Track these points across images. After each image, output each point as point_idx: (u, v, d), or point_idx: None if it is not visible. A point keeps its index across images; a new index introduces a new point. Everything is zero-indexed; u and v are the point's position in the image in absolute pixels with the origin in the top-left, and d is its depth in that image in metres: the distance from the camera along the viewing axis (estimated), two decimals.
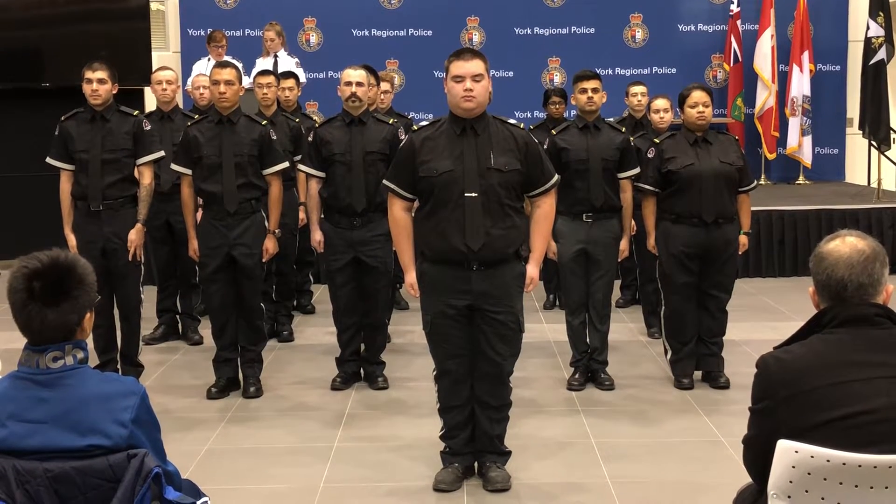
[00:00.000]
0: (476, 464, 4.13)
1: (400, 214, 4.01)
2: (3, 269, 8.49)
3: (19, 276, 2.18)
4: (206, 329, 5.92)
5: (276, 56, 8.81)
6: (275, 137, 5.37)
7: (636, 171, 5.39)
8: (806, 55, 10.46)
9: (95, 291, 2.27)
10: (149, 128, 5.39)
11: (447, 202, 3.85)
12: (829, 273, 2.31)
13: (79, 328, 2.22)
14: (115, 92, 5.29)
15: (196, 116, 5.87)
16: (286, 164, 5.44)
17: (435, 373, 4.09)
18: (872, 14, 9.64)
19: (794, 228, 8.53)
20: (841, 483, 2.19)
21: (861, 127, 9.73)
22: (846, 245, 2.33)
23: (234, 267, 5.24)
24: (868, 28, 9.67)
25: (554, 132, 5.49)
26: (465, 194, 3.83)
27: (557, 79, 10.67)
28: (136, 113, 5.40)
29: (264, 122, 5.43)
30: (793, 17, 10.56)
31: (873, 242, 2.35)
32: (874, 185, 9.41)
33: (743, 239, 5.37)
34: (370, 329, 5.48)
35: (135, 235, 5.24)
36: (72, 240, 5.22)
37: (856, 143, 10.69)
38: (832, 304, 2.33)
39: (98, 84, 5.17)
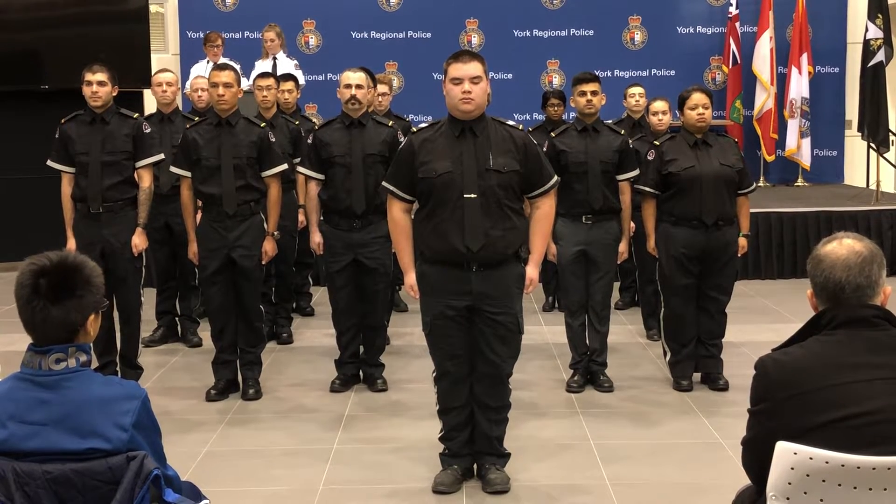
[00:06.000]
0: (475, 465, 4.13)
1: (399, 216, 4.02)
2: (2, 271, 8.51)
3: (27, 273, 2.20)
4: (205, 331, 5.92)
5: (274, 58, 8.81)
6: (273, 140, 5.37)
7: (635, 172, 5.40)
8: (805, 57, 10.47)
9: (102, 295, 2.27)
10: (148, 130, 5.40)
11: (446, 203, 3.85)
12: (827, 275, 2.32)
13: (81, 329, 2.22)
14: (114, 94, 5.30)
15: (195, 119, 5.87)
16: (285, 167, 5.44)
17: (434, 374, 4.10)
18: (871, 16, 9.64)
19: (793, 230, 8.54)
20: (840, 485, 2.19)
21: (860, 129, 9.73)
22: (843, 247, 2.33)
23: (234, 269, 5.25)
24: (867, 30, 9.67)
25: (553, 134, 5.49)
26: (465, 195, 3.83)
27: (556, 81, 10.68)
28: (135, 115, 5.41)
29: (263, 125, 5.43)
30: (791, 19, 10.58)
31: (870, 244, 2.35)
32: (873, 186, 9.41)
33: (742, 241, 5.37)
34: (369, 331, 5.48)
35: (138, 239, 5.25)
36: (71, 243, 5.22)
37: (854, 145, 10.69)
38: (830, 305, 2.34)
39: (98, 86, 5.18)
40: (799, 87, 10.49)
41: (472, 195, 3.83)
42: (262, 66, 8.60)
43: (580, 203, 5.31)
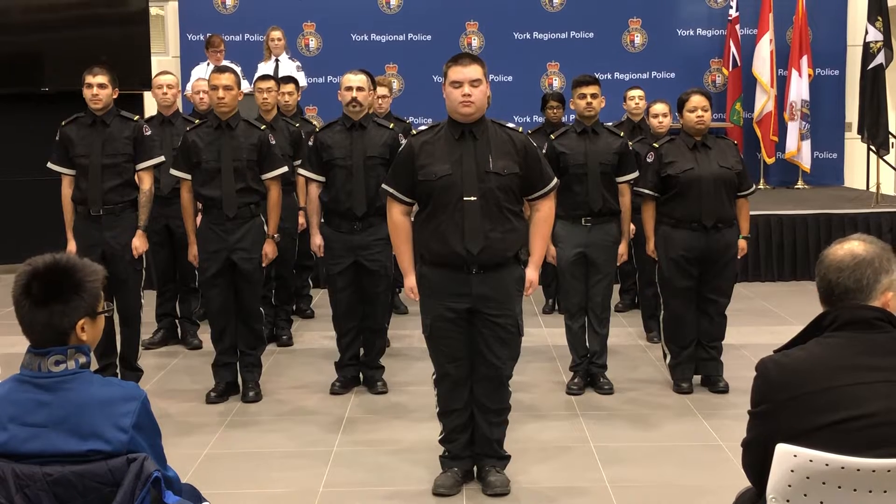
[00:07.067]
0: (475, 468, 4.13)
1: (399, 218, 4.02)
2: (2, 273, 8.51)
3: (22, 274, 2.21)
4: (205, 333, 5.92)
5: (277, 60, 8.83)
6: (273, 142, 5.37)
7: (635, 175, 5.40)
8: (805, 60, 10.48)
9: (98, 299, 2.26)
10: (149, 133, 5.41)
11: (446, 206, 3.86)
12: (822, 275, 2.35)
13: (72, 333, 2.21)
14: (115, 96, 5.30)
15: (196, 121, 5.88)
16: (285, 169, 5.44)
17: (434, 376, 4.10)
18: (871, 18, 9.66)
19: (792, 233, 8.54)
20: (840, 487, 2.19)
21: (860, 131, 9.74)
22: (844, 249, 2.34)
23: (234, 271, 5.25)
24: (867, 32, 9.68)
25: (552, 136, 5.50)
26: (464, 198, 3.83)
27: (556, 83, 10.69)
28: (136, 118, 5.41)
29: (263, 127, 5.44)
30: (791, 21, 10.59)
31: (877, 249, 2.33)
32: (873, 189, 9.41)
33: (742, 243, 5.37)
34: (369, 333, 5.48)
35: (139, 241, 5.26)
36: (72, 245, 5.23)
37: (854, 148, 10.70)
38: (830, 307, 2.34)
39: (98, 89, 5.18)
40: (799, 89, 10.50)
41: (472, 198, 3.83)
42: (265, 67, 8.61)
43: (580, 205, 5.31)
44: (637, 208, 5.52)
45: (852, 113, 10.39)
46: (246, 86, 6.91)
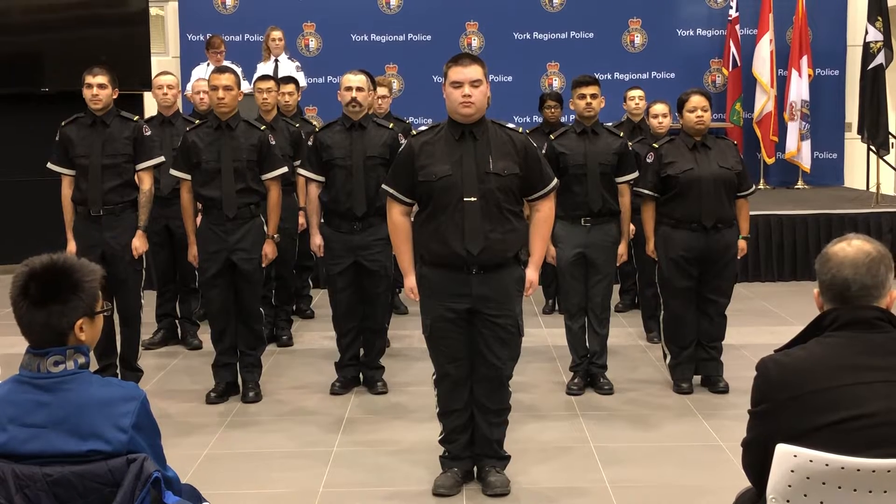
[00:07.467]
0: (475, 468, 4.13)
1: (399, 219, 4.02)
2: (2, 273, 8.51)
3: (19, 274, 2.21)
4: (205, 333, 5.92)
5: (276, 60, 8.83)
6: (273, 143, 5.38)
7: (634, 175, 5.40)
8: (805, 60, 10.48)
9: (99, 300, 2.26)
10: (149, 133, 5.41)
11: (446, 206, 3.86)
12: (834, 273, 2.32)
13: (70, 333, 2.20)
14: (115, 97, 5.30)
15: (196, 121, 5.88)
16: (285, 170, 5.44)
17: (434, 376, 4.10)
18: (871, 19, 9.66)
19: (792, 233, 8.55)
20: (840, 487, 2.19)
21: (860, 131, 9.74)
22: (852, 247, 2.34)
23: (234, 271, 5.25)
24: (867, 33, 9.69)
25: (552, 137, 5.50)
26: (465, 199, 3.83)
27: (556, 83, 10.69)
28: (136, 118, 5.42)
29: (263, 128, 5.44)
30: (791, 21, 10.59)
31: (880, 246, 2.35)
32: (873, 189, 9.42)
33: (742, 243, 5.38)
34: (369, 333, 5.48)
35: (138, 242, 5.26)
36: (72, 245, 5.23)
37: (854, 148, 10.70)
38: (834, 306, 2.34)
39: (98, 89, 5.18)
40: (799, 89, 10.50)
41: (472, 198, 3.83)
42: (264, 68, 8.61)
43: (579, 205, 5.31)
44: (637, 209, 5.52)
45: (852, 113, 10.39)
46: (246, 86, 6.91)
